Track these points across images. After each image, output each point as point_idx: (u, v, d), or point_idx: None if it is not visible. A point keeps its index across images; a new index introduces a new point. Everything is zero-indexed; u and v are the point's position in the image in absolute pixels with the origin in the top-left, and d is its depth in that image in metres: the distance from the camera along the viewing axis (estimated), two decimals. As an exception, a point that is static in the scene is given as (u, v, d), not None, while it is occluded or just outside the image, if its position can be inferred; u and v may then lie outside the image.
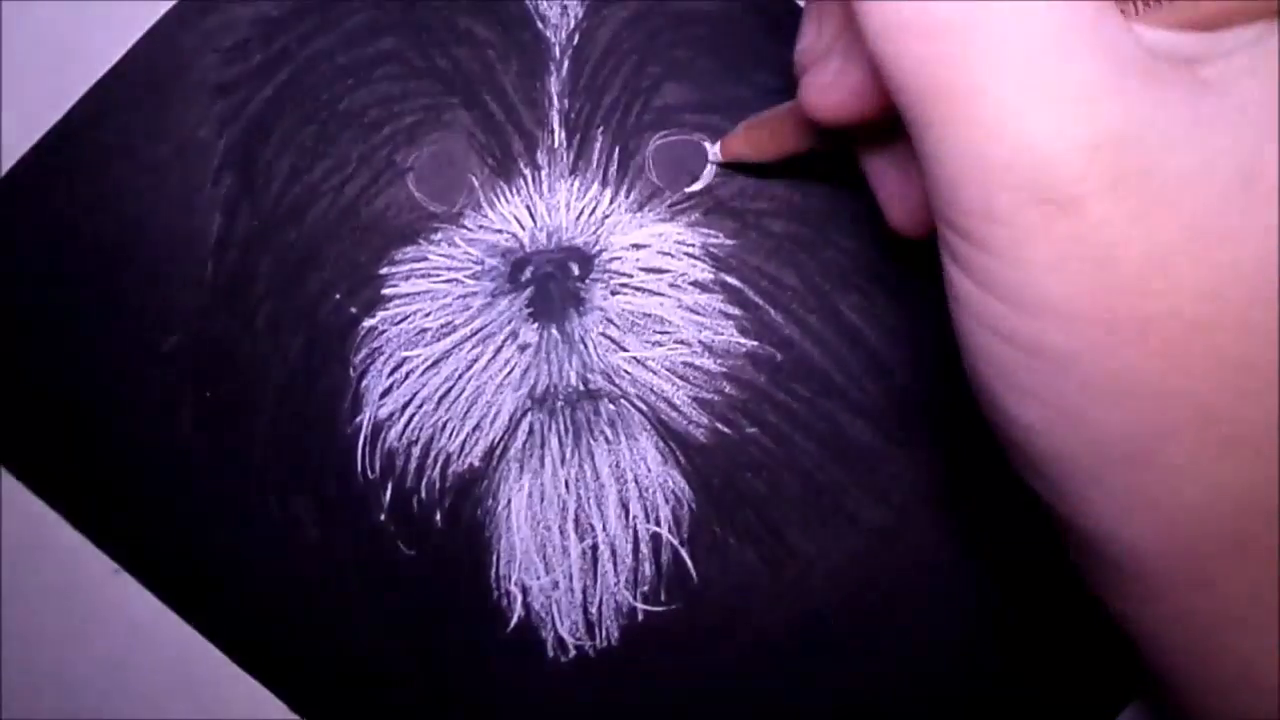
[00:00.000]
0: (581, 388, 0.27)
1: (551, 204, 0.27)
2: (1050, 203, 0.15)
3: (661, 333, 0.27)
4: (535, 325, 0.27)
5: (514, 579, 0.27)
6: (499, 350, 0.27)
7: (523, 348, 0.27)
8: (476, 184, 0.27)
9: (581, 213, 0.27)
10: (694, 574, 0.28)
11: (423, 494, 0.27)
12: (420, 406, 0.27)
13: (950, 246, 0.17)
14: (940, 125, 0.16)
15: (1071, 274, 0.15)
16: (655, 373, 0.27)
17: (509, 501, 0.27)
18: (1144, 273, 0.15)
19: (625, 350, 0.27)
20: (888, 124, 0.21)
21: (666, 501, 0.28)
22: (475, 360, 0.27)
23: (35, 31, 0.27)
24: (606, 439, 0.27)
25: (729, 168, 0.28)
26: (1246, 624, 0.16)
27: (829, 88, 0.21)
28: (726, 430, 0.28)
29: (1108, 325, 0.15)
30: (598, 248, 0.27)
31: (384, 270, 0.27)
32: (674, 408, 0.27)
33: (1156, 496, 0.16)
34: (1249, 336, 0.15)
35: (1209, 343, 0.15)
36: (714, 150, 0.27)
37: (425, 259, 0.27)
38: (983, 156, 0.15)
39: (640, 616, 0.28)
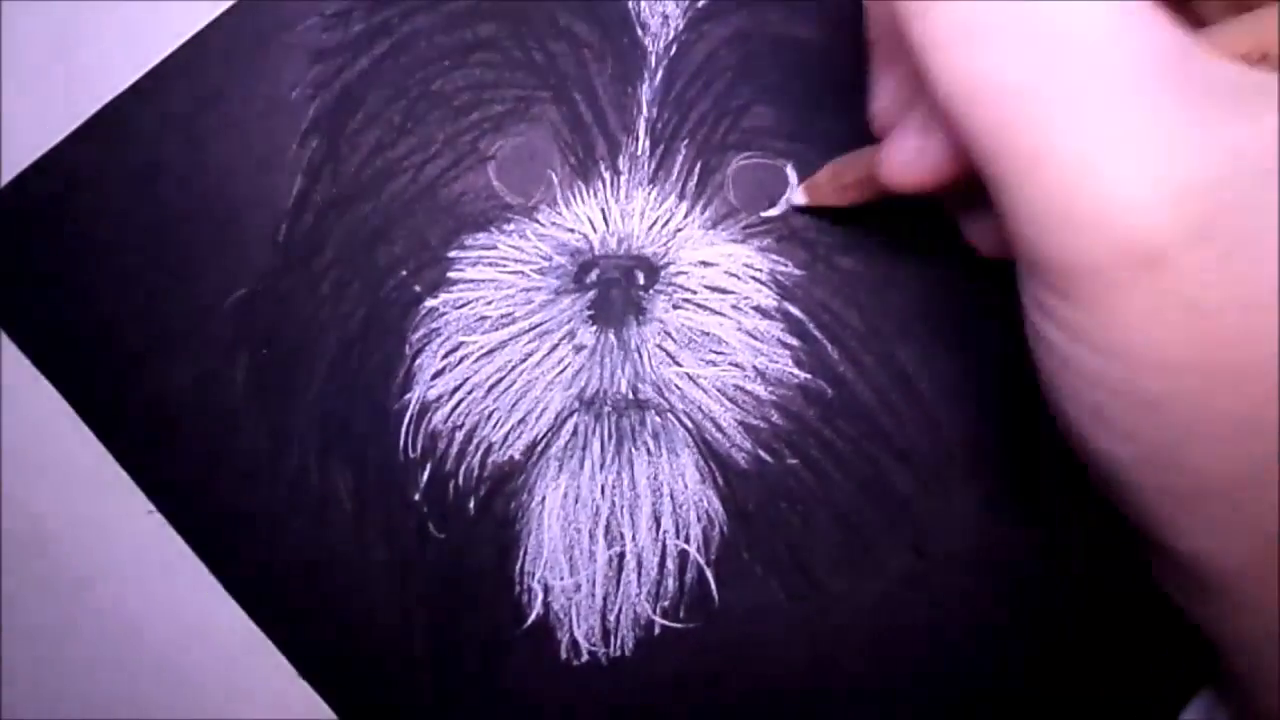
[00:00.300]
0: (631, 396, 0.27)
1: (626, 210, 0.27)
2: (1138, 255, 0.15)
3: (717, 353, 0.27)
4: (594, 328, 0.27)
5: (538, 576, 0.28)
6: (555, 348, 0.27)
7: (578, 349, 0.27)
8: (555, 180, 0.28)
9: (655, 223, 0.27)
10: (716, 596, 0.28)
11: (460, 479, 0.27)
12: (470, 393, 0.27)
13: (1035, 297, 0.17)
14: (1020, 185, 0.15)
15: (1163, 325, 0.15)
16: (706, 392, 0.27)
17: (543, 499, 0.28)
18: (1237, 320, 0.15)
19: (679, 365, 0.27)
20: (974, 182, 0.21)
21: (699, 520, 0.28)
22: (530, 354, 0.27)
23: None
24: (648, 450, 0.28)
25: (808, 211, 0.27)
26: None
27: (911, 164, 0.20)
28: (768, 459, 0.28)
29: (1203, 373, 0.15)
30: (666, 260, 0.27)
31: (453, 253, 0.27)
32: (719, 429, 0.27)
33: (1251, 526, 0.16)
34: None
35: None
36: (798, 192, 0.27)
37: (495, 248, 0.27)
38: (1066, 213, 0.15)
39: (657, 630, 0.28)
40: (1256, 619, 0.17)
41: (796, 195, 0.27)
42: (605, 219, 0.27)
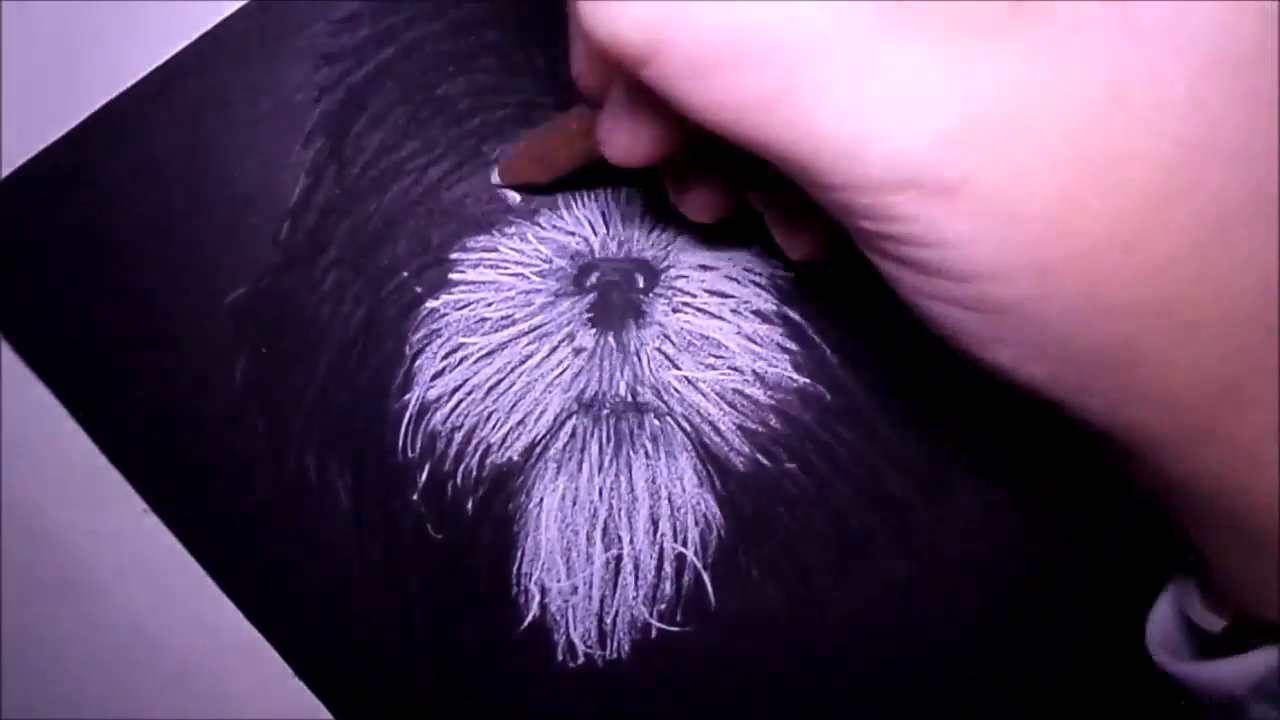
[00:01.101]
0: (629, 399, 0.27)
1: (627, 213, 0.28)
2: (940, 192, 0.15)
3: (716, 356, 0.28)
4: (593, 331, 0.27)
5: (535, 578, 0.28)
6: (554, 350, 0.27)
7: (577, 351, 0.27)
8: (557, 184, 0.28)
9: (655, 227, 0.28)
10: (712, 599, 0.28)
11: (458, 480, 0.27)
12: (469, 394, 0.27)
13: (864, 241, 0.17)
14: (804, 161, 0.16)
15: (988, 241, 0.15)
16: (704, 395, 0.28)
17: (541, 500, 0.28)
18: (1052, 219, 0.15)
19: (678, 368, 0.27)
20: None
21: (696, 524, 0.28)
22: (529, 356, 0.27)
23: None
24: (646, 453, 0.28)
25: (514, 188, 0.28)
26: (1258, 464, 0.17)
27: (632, 145, 0.20)
28: (766, 462, 0.28)
29: (1038, 273, 0.16)
30: (666, 263, 0.28)
31: (454, 255, 0.28)
32: (718, 432, 0.28)
33: (1145, 390, 0.17)
34: (1170, 239, 0.15)
35: (1139, 259, 0.15)
36: (494, 173, 0.27)
37: (496, 250, 0.28)
38: (858, 176, 0.15)
39: (653, 633, 0.28)
40: (1187, 469, 0.18)
41: (494, 176, 0.27)
42: (606, 222, 0.28)
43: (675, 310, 0.27)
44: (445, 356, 0.27)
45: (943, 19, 0.15)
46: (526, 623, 0.27)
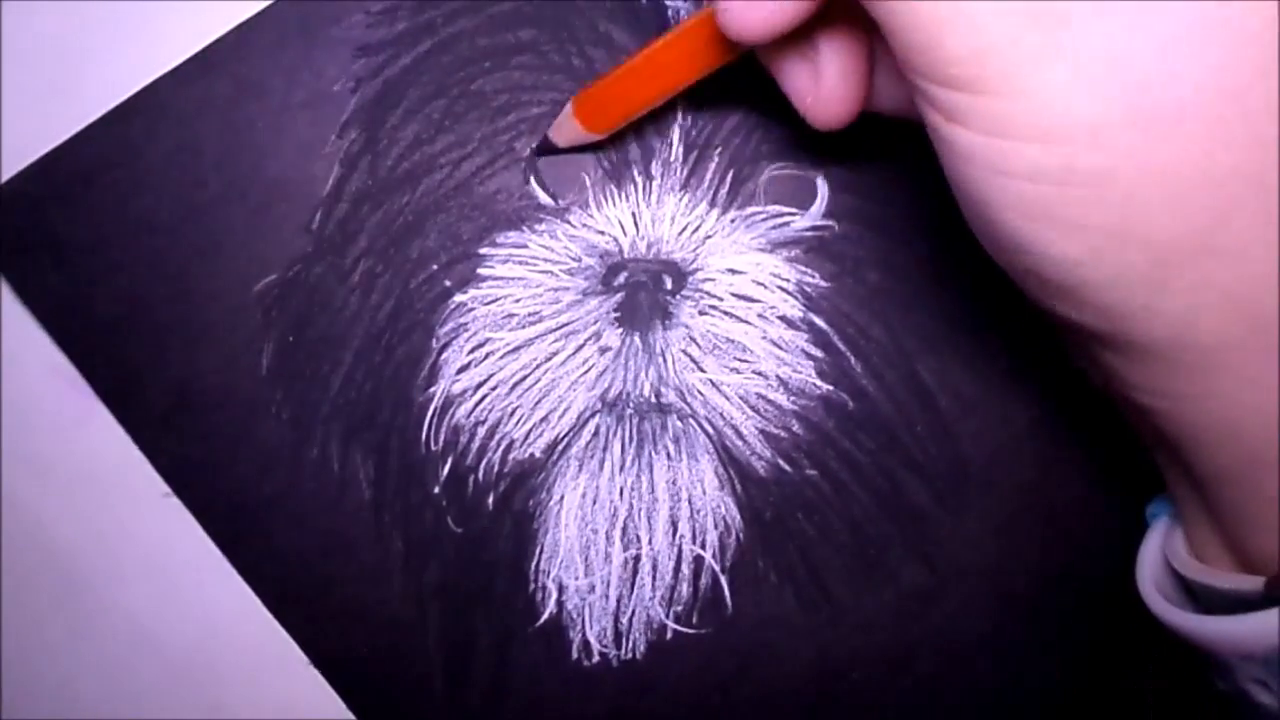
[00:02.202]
0: (653, 399, 0.27)
1: (657, 215, 0.28)
2: (1046, 17, 0.15)
3: (741, 360, 0.28)
4: (619, 330, 0.27)
5: (553, 575, 0.28)
6: (580, 348, 0.28)
7: (603, 350, 0.28)
8: (588, 183, 0.28)
9: (685, 229, 0.28)
10: (729, 602, 0.28)
11: (480, 475, 0.28)
12: (494, 389, 0.27)
13: (943, 105, 0.16)
14: None
15: (1087, 86, 0.15)
16: (728, 398, 0.28)
17: (562, 498, 0.28)
18: (1160, 61, 0.15)
19: (703, 371, 0.28)
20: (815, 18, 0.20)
21: (716, 527, 0.28)
22: (555, 354, 0.28)
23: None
24: (668, 454, 0.28)
25: (563, 152, 0.27)
26: None
27: (755, 3, 0.20)
28: (787, 468, 0.28)
29: (1139, 126, 0.15)
30: (694, 266, 0.28)
31: (484, 250, 0.28)
32: (740, 436, 0.28)
33: (1225, 282, 0.16)
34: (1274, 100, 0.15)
35: (1242, 111, 0.15)
36: (552, 131, 0.27)
37: (525, 246, 0.28)
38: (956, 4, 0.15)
39: (669, 635, 0.28)
40: (1245, 394, 0.16)
41: (554, 133, 0.27)
42: (636, 223, 0.28)
43: (702, 313, 0.28)
44: (471, 351, 0.28)
45: None
46: (543, 619, 0.27)
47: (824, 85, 0.22)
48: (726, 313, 0.28)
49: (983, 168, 0.16)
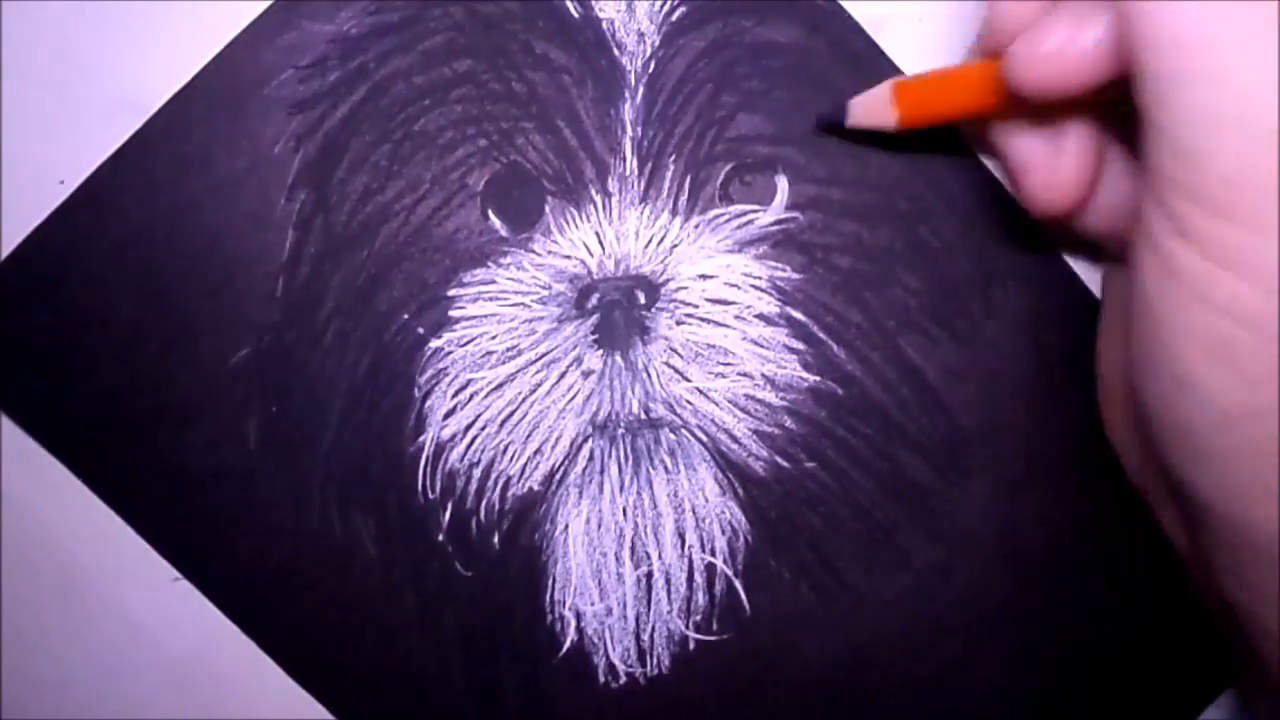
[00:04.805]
0: (643, 416, 0.27)
1: (621, 231, 0.27)
2: None
3: (725, 364, 0.27)
4: (600, 352, 0.27)
5: (568, 604, 0.28)
6: (563, 376, 0.27)
7: (586, 374, 0.27)
8: (547, 209, 0.27)
9: (650, 241, 0.27)
10: (746, 605, 0.28)
11: (482, 516, 0.28)
12: (483, 429, 0.27)
13: (1181, 218, 0.16)
14: (1201, 80, 0.15)
15: None
16: (717, 404, 0.27)
17: (566, 526, 0.28)
18: None
19: (688, 380, 0.27)
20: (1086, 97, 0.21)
21: (723, 532, 0.28)
22: (539, 385, 0.27)
23: (113, 43, 0.27)
24: (666, 468, 0.28)
25: (841, 134, 0.27)
26: None
27: (1053, 58, 0.19)
28: (786, 464, 0.28)
29: None
30: (665, 277, 0.27)
31: (452, 292, 0.27)
32: (734, 439, 0.28)
33: None
34: None
35: None
36: (853, 106, 0.26)
37: (493, 282, 0.27)
38: (1252, 117, 0.15)
39: (692, 645, 0.28)
40: None
41: (854, 111, 0.26)
42: (601, 242, 0.27)
43: (679, 323, 0.27)
44: (455, 394, 0.27)
45: None
46: (565, 649, 0.28)
47: (1062, 169, 0.22)
48: (704, 319, 0.27)
49: (1187, 290, 0.16)
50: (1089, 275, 0.28)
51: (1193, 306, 0.16)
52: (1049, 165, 0.23)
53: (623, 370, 0.27)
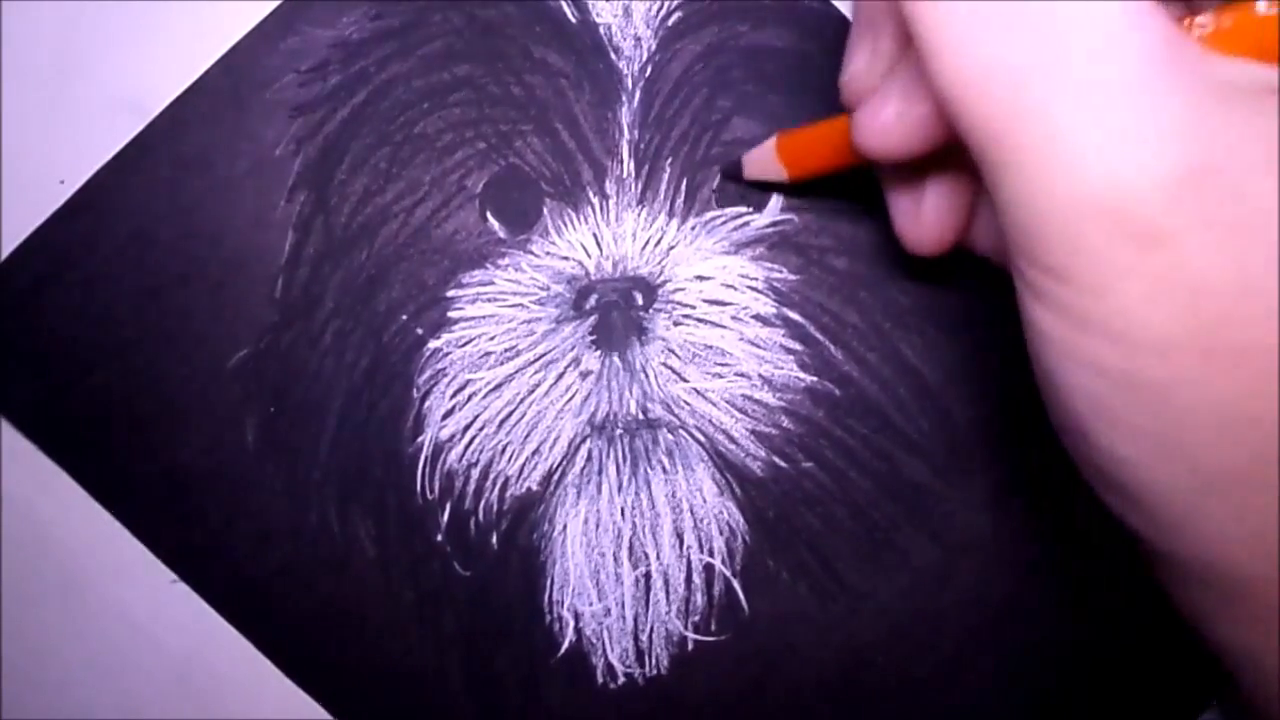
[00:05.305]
0: (641, 416, 0.27)
1: (618, 233, 0.28)
2: (1141, 237, 0.15)
3: (722, 365, 0.28)
4: (597, 353, 0.27)
5: (567, 604, 0.28)
6: (561, 376, 0.27)
7: (584, 375, 0.27)
8: (545, 211, 0.28)
9: (647, 243, 0.28)
10: (745, 605, 0.28)
11: (480, 516, 0.28)
12: (481, 429, 0.27)
13: (1032, 284, 0.17)
14: (1022, 167, 0.16)
15: (1165, 306, 0.15)
16: (715, 404, 0.28)
17: (565, 527, 0.28)
18: (1236, 302, 0.15)
19: (686, 381, 0.27)
20: (934, 155, 0.22)
21: (721, 533, 0.28)
22: (537, 385, 0.27)
23: (114, 45, 0.27)
24: (664, 468, 0.28)
25: (751, 185, 0.28)
26: None
27: (889, 129, 0.21)
28: (783, 464, 0.28)
29: (1203, 355, 0.15)
30: (662, 278, 0.28)
31: (451, 293, 0.28)
32: (732, 440, 0.28)
33: (1260, 525, 0.16)
34: None
35: None
36: (745, 162, 0.27)
37: (492, 283, 0.28)
38: (1069, 195, 0.15)
39: (690, 646, 0.28)
40: (1270, 628, 0.17)
41: (747, 167, 0.27)
42: (598, 243, 0.28)
43: (676, 323, 0.27)
44: (453, 395, 0.27)
45: (1209, 84, 0.15)
46: (564, 649, 0.28)
47: (923, 215, 0.24)
48: (701, 320, 0.28)
49: (1058, 351, 0.17)
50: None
51: (1064, 363, 0.17)
52: (911, 211, 0.24)
53: (620, 371, 0.27)
